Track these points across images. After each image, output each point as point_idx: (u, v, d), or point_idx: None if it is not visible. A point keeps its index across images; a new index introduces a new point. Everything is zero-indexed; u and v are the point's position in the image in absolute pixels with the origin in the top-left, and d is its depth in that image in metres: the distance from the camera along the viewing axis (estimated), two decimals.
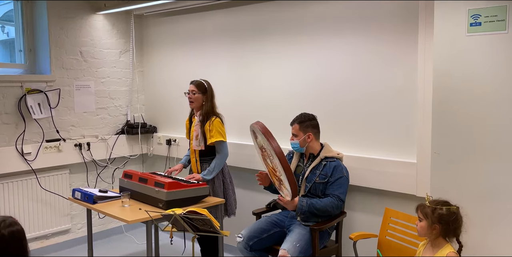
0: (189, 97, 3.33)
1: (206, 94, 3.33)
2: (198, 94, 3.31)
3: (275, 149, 2.45)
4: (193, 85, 3.34)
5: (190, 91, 3.33)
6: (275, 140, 2.49)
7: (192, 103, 3.34)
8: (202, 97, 3.32)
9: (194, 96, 3.31)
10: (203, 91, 3.33)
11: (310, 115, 2.93)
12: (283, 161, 2.46)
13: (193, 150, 3.39)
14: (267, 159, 2.68)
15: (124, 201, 2.95)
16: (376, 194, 2.98)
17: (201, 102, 3.33)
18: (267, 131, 2.52)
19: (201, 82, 3.36)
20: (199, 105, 3.34)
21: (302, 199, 2.71)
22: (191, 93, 3.32)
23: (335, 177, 2.80)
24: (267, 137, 2.49)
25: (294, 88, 3.36)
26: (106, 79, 4.36)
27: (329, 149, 2.93)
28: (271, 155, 2.55)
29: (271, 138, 2.49)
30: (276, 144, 2.47)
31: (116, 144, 4.39)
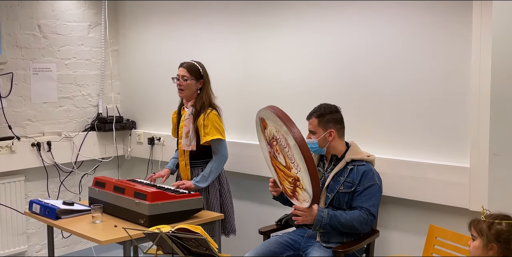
0: (178, 83, 3.30)
1: (200, 80, 3.30)
2: (190, 80, 3.28)
3: (294, 134, 2.42)
4: (184, 69, 3.30)
5: (180, 76, 3.30)
6: (295, 124, 2.46)
7: (182, 91, 3.31)
8: (196, 84, 3.30)
9: (186, 83, 3.28)
10: (196, 76, 3.29)
11: (332, 106, 2.90)
12: (304, 149, 2.41)
13: (182, 151, 3.37)
14: (279, 155, 2.65)
15: (95, 216, 2.93)
16: (417, 207, 2.96)
17: (194, 90, 3.30)
18: (284, 114, 2.49)
19: (193, 64, 3.32)
20: (191, 94, 3.32)
21: (322, 208, 2.70)
22: (182, 79, 3.29)
23: (364, 185, 2.78)
24: (284, 120, 2.46)
25: (312, 74, 3.34)
26: (72, 61, 4.32)
27: (357, 149, 2.91)
28: (286, 146, 2.52)
29: (290, 122, 2.46)
30: (296, 128, 2.44)
31: (85, 143, 4.36)
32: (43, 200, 3.20)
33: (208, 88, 3.31)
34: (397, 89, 2.98)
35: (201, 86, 3.31)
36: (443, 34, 2.80)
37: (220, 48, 3.82)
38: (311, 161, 2.42)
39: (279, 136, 2.56)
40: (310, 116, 2.89)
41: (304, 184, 2.52)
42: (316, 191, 2.47)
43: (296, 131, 2.43)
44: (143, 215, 2.81)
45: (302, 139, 2.42)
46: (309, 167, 2.42)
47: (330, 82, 3.25)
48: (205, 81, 3.30)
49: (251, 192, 3.75)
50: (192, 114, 3.29)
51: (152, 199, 2.83)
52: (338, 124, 2.88)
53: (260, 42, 3.58)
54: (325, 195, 2.84)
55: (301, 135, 2.43)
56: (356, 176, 2.80)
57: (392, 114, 3.02)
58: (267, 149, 2.78)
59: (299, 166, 2.49)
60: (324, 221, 2.65)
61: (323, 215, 2.66)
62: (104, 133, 4.47)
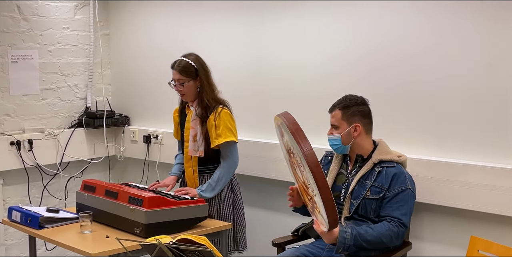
0: (177, 89, 3.33)
1: (198, 78, 3.31)
2: (188, 83, 3.29)
3: (306, 155, 2.41)
4: (177, 72, 3.31)
5: (176, 81, 3.31)
6: (308, 142, 2.44)
7: (184, 95, 3.34)
8: (195, 83, 3.31)
9: (184, 87, 3.30)
10: (192, 76, 3.30)
11: (359, 98, 2.89)
12: (318, 175, 2.41)
13: (189, 157, 3.39)
14: (297, 168, 2.65)
15: (84, 225, 2.94)
16: (456, 215, 2.96)
17: (195, 90, 3.32)
18: (297, 128, 2.47)
19: (186, 64, 3.30)
20: (193, 95, 3.34)
21: (345, 229, 2.66)
22: (178, 84, 3.31)
23: (395, 190, 2.77)
24: (296, 136, 2.45)
25: (335, 61, 3.33)
26: (56, 47, 4.34)
27: (386, 149, 2.91)
28: (301, 164, 2.52)
29: (302, 138, 2.44)
30: (308, 149, 2.42)
31: (71, 142, 4.38)
32: (24, 207, 3.21)
33: (208, 84, 3.30)
34: (433, 81, 2.98)
35: (199, 85, 3.30)
36: (487, 21, 2.78)
37: (228, 30, 3.83)
38: (325, 189, 2.41)
39: (294, 151, 2.56)
40: (333, 108, 2.88)
41: (320, 210, 2.53)
42: (332, 221, 2.49)
43: (308, 151, 2.41)
44: (139, 223, 2.82)
45: (315, 164, 2.40)
46: (323, 196, 2.42)
47: (353, 72, 3.26)
48: (202, 78, 3.29)
49: (263, 198, 3.76)
50: (198, 115, 3.31)
51: (150, 206, 2.83)
52: (365, 118, 2.87)
53: (274, 25, 3.58)
54: (349, 202, 2.83)
55: (315, 159, 2.40)
56: (385, 179, 2.79)
57: (427, 108, 3.01)
58: (287, 156, 2.78)
59: (314, 191, 2.49)
60: (348, 242, 2.64)
61: (345, 236, 2.63)
62: (94, 130, 4.48)
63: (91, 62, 4.54)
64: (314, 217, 2.71)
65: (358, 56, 3.24)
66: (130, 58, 4.55)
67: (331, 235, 2.64)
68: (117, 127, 4.59)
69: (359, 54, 3.24)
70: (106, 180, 4.66)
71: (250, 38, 3.73)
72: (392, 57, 3.11)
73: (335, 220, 2.50)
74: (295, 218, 3.36)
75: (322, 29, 3.38)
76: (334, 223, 2.51)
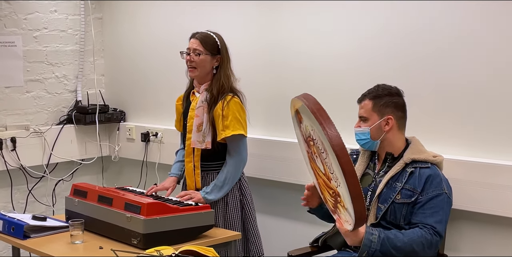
0: (188, 59, 3.34)
1: (217, 56, 3.33)
2: (204, 55, 3.31)
3: (330, 137, 2.42)
4: (196, 40, 3.33)
5: (191, 50, 3.33)
6: (332, 123, 2.46)
7: (194, 70, 3.33)
8: (211, 61, 3.33)
9: (198, 58, 3.30)
10: (212, 50, 3.33)
11: (393, 87, 2.91)
12: (344, 159, 2.41)
13: (190, 150, 3.40)
14: (317, 158, 2.66)
15: (75, 234, 2.95)
16: (499, 224, 2.96)
17: (208, 69, 3.33)
18: (319, 108, 2.49)
19: (209, 35, 3.35)
20: (205, 74, 3.35)
21: (372, 230, 2.69)
22: (193, 53, 3.32)
23: (428, 194, 2.78)
24: (317, 117, 2.46)
25: (364, 48, 3.34)
26: (42, 33, 4.37)
27: (420, 147, 2.91)
28: (323, 149, 2.53)
29: (325, 119, 2.46)
30: (332, 130, 2.44)
31: (60, 140, 4.41)
32: (7, 214, 3.23)
33: (227, 67, 3.33)
34: (474, 75, 2.97)
35: (217, 64, 3.32)
36: None
37: (239, 14, 3.85)
38: (352, 177, 2.42)
39: (315, 137, 2.57)
40: (363, 98, 2.90)
41: (345, 203, 2.53)
42: (359, 215, 2.48)
43: (334, 135, 2.42)
44: (137, 233, 2.82)
45: (341, 146, 2.41)
46: (349, 184, 2.42)
47: (383, 62, 3.27)
48: (224, 58, 3.32)
49: (277, 204, 3.77)
50: (207, 100, 3.30)
51: (149, 213, 2.83)
52: (398, 110, 2.88)
53: (292, 8, 3.59)
54: (376, 206, 2.84)
55: (341, 141, 2.42)
56: (418, 182, 2.79)
57: (468, 102, 3.01)
58: (305, 147, 2.79)
59: (338, 180, 2.50)
60: (374, 246, 2.65)
61: (372, 239, 2.65)
62: (85, 127, 4.50)
63: (82, 50, 4.55)
64: (336, 215, 2.71)
65: (390, 44, 3.25)
66: (126, 45, 4.56)
67: (356, 236, 2.64)
68: (112, 123, 4.60)
69: (391, 42, 3.24)
70: (99, 183, 4.67)
71: (266, 22, 3.74)
72: (425, 47, 3.11)
73: (362, 215, 2.49)
74: (313, 227, 3.38)
75: (350, 13, 3.38)
76: (361, 219, 2.50)
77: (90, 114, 4.45)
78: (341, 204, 2.58)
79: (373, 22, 3.31)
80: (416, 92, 3.14)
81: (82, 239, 2.96)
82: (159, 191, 3.42)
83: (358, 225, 2.55)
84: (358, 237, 2.65)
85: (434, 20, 3.10)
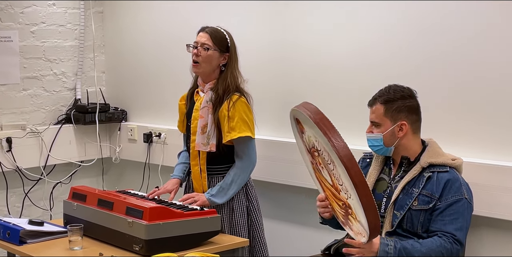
0: (195, 53, 3.32)
1: (225, 54, 3.33)
2: (212, 51, 3.30)
3: (337, 148, 2.42)
4: (206, 34, 3.33)
5: (199, 44, 3.32)
6: (337, 132, 2.46)
7: (198, 65, 3.33)
8: (218, 58, 3.33)
9: (205, 53, 3.30)
10: (221, 46, 3.33)
11: (406, 89, 2.88)
12: (353, 171, 2.42)
13: (196, 153, 3.39)
14: (323, 169, 2.66)
15: (73, 240, 2.95)
16: None
17: (215, 66, 3.33)
18: (322, 118, 2.49)
19: (219, 31, 3.35)
20: (210, 71, 3.34)
21: (387, 242, 2.68)
22: (201, 47, 3.31)
23: (448, 200, 2.77)
24: (321, 127, 2.47)
25: (378, 46, 3.34)
26: (40, 27, 4.35)
27: (437, 150, 2.90)
28: (330, 161, 2.52)
29: (330, 129, 2.46)
30: (338, 140, 2.44)
31: (58, 141, 4.40)
32: (2, 218, 3.23)
33: (235, 67, 3.34)
34: (496, 73, 2.95)
35: (225, 62, 3.32)
36: None
37: (248, 9, 3.85)
38: (363, 188, 2.42)
39: (320, 148, 2.57)
40: (373, 102, 2.88)
41: (358, 215, 2.53)
42: (373, 226, 2.49)
43: (341, 145, 2.42)
44: (139, 239, 2.82)
45: (349, 157, 2.41)
46: (361, 196, 2.42)
47: (397, 60, 3.26)
48: (232, 57, 3.33)
49: (285, 209, 3.76)
50: (212, 101, 3.30)
51: (151, 218, 2.83)
52: (413, 114, 2.86)
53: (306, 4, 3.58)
54: (392, 213, 2.83)
55: (349, 151, 2.41)
56: (437, 187, 2.78)
57: (488, 102, 2.99)
58: (308, 158, 2.78)
59: (348, 192, 2.50)
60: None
61: (387, 250, 2.65)
62: (84, 127, 4.49)
63: (82, 46, 4.54)
64: (347, 228, 2.71)
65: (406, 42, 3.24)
66: (128, 41, 4.56)
67: (371, 247, 2.65)
68: (112, 123, 4.60)
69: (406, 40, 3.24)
70: (99, 187, 4.66)
71: (275, 18, 3.74)
72: (445, 43, 3.10)
73: (377, 226, 2.50)
74: (324, 233, 3.37)
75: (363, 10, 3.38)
76: (375, 230, 2.51)
77: (89, 114, 4.45)
78: (353, 216, 2.59)
79: (387, 19, 3.31)
80: (432, 91, 3.14)
81: (81, 245, 2.95)
82: (162, 194, 3.42)
83: (373, 236, 2.56)
84: (373, 249, 2.66)
85: (451, 17, 3.08)
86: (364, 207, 2.44)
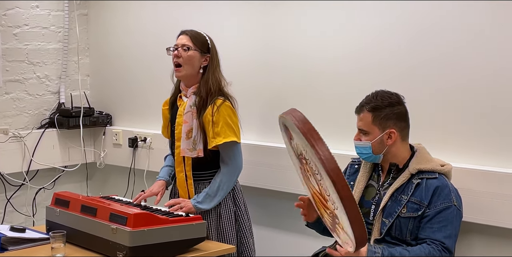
0: (176, 54, 3.33)
1: (206, 55, 3.34)
2: (193, 51, 3.31)
3: (323, 161, 2.41)
4: (186, 36, 3.34)
5: (180, 46, 3.32)
6: (324, 144, 2.45)
7: (181, 68, 3.32)
8: (200, 59, 3.33)
9: (186, 54, 3.30)
10: (202, 47, 3.33)
11: (393, 95, 2.88)
12: (340, 185, 2.40)
13: (180, 159, 3.39)
14: (311, 177, 2.66)
15: (56, 247, 2.93)
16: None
17: (197, 67, 3.33)
18: (310, 128, 2.47)
19: (199, 33, 3.37)
20: (192, 74, 3.34)
21: (374, 249, 2.69)
22: (181, 48, 3.31)
23: (436, 207, 2.78)
24: (308, 138, 2.45)
25: (368, 50, 3.34)
26: (23, 30, 4.35)
27: (426, 156, 2.90)
28: (318, 171, 2.52)
29: (316, 140, 2.45)
30: (325, 153, 2.43)
31: (41, 145, 4.40)
32: None
33: (216, 70, 3.34)
34: (488, 78, 2.96)
35: (206, 64, 3.33)
36: None
37: (233, 12, 3.85)
38: (350, 201, 2.41)
39: (307, 157, 2.57)
40: (361, 109, 2.87)
41: (344, 227, 2.53)
42: (360, 240, 2.49)
43: (327, 158, 2.40)
44: (123, 246, 2.81)
45: (336, 171, 2.39)
46: (347, 209, 2.41)
47: (388, 64, 3.26)
48: (213, 59, 3.33)
49: (272, 215, 3.76)
50: (196, 105, 3.30)
51: (135, 224, 2.82)
52: (401, 121, 2.86)
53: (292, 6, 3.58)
54: (380, 221, 2.83)
55: (335, 165, 2.40)
56: (425, 194, 2.79)
57: (479, 107, 3.00)
58: (297, 163, 2.78)
59: (335, 203, 2.50)
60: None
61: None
62: (68, 131, 4.48)
63: (66, 49, 4.54)
64: (335, 235, 2.71)
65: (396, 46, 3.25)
66: (113, 44, 4.55)
67: (358, 255, 2.64)
68: (97, 127, 4.59)
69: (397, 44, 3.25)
70: (83, 192, 4.65)
71: (261, 21, 3.74)
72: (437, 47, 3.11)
73: (363, 238, 2.50)
74: (312, 240, 3.37)
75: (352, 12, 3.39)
76: (362, 241, 2.51)
77: (73, 118, 4.44)
78: (340, 226, 2.59)
79: (378, 22, 3.31)
80: (423, 96, 3.15)
81: (64, 252, 2.94)
82: (148, 197, 3.41)
83: (360, 246, 2.56)
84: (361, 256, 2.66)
85: (444, 20, 3.10)
86: (351, 221, 2.43)
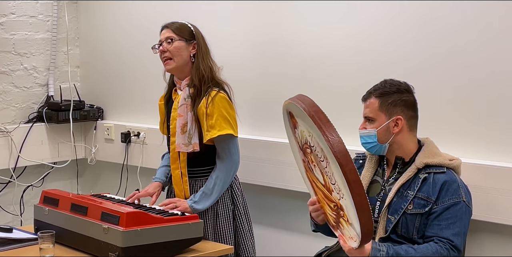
0: (161, 50, 3.35)
1: (192, 42, 3.36)
2: (178, 41, 3.33)
3: (331, 143, 2.43)
4: (166, 29, 3.37)
5: (164, 40, 3.35)
6: (333, 127, 2.47)
7: (170, 61, 3.34)
8: (187, 47, 3.35)
9: (172, 46, 3.32)
10: (185, 35, 3.35)
11: (402, 83, 2.90)
12: (347, 168, 2.42)
13: (176, 156, 3.40)
14: (315, 168, 2.67)
15: (45, 248, 2.94)
16: None
17: (186, 57, 3.34)
18: (317, 111, 2.50)
19: (181, 23, 3.39)
20: (183, 65, 3.35)
21: (379, 247, 2.70)
22: (165, 42, 3.34)
23: (444, 203, 2.78)
24: (316, 121, 2.47)
25: (372, 40, 3.35)
26: (9, 18, 4.36)
27: (434, 150, 2.91)
28: (323, 157, 2.53)
29: (325, 122, 2.46)
30: (333, 135, 2.45)
31: (29, 141, 4.41)
32: None
33: (207, 57, 3.35)
34: (499, 70, 2.97)
35: (195, 52, 3.35)
36: None
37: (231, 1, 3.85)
38: (357, 186, 2.42)
39: (313, 143, 2.58)
40: (368, 96, 2.89)
41: (350, 217, 2.54)
42: (366, 229, 2.49)
43: (335, 140, 2.42)
44: (115, 246, 2.82)
45: (344, 153, 2.41)
46: (354, 194, 2.42)
47: (394, 55, 3.28)
48: (201, 45, 3.35)
49: (274, 214, 3.77)
50: (190, 96, 3.31)
51: (128, 224, 2.82)
52: (409, 109, 2.87)
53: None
54: (386, 217, 2.84)
55: (343, 147, 2.42)
56: (433, 189, 2.79)
57: (490, 100, 3.01)
58: (300, 155, 2.79)
59: (341, 191, 2.51)
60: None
61: (380, 256, 2.66)
62: (57, 126, 4.50)
63: (54, 39, 4.55)
64: (338, 232, 2.73)
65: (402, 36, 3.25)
66: (104, 33, 4.56)
67: (361, 253, 2.65)
68: (88, 121, 4.60)
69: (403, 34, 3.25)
70: (73, 190, 4.66)
71: (256, 8, 3.74)
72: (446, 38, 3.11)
73: (369, 230, 2.50)
74: (314, 240, 3.38)
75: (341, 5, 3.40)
76: (368, 234, 2.52)
77: (63, 111, 4.45)
78: (344, 218, 2.60)
79: (384, 11, 3.31)
80: (431, 88, 3.16)
81: (53, 253, 2.94)
82: (142, 197, 3.42)
83: (365, 241, 2.56)
84: (364, 255, 2.66)
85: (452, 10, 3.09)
86: (357, 207, 2.44)
